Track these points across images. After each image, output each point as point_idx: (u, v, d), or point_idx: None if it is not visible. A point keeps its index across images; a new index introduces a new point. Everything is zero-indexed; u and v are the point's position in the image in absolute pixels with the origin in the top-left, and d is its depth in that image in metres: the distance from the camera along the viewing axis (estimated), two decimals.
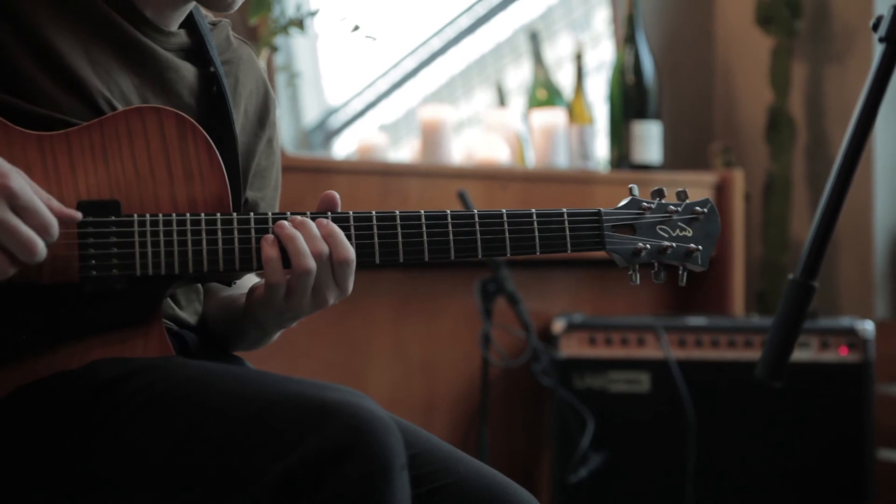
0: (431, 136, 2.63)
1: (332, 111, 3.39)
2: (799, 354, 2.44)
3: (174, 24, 1.30)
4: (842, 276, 2.90)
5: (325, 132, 3.42)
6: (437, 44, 3.37)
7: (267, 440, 1.03)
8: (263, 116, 1.39)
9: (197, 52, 1.32)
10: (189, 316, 1.33)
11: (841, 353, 2.44)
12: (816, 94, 2.99)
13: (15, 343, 1.13)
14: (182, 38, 1.31)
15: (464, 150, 2.76)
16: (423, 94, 3.39)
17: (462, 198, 2.35)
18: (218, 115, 1.28)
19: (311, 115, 3.28)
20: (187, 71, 1.30)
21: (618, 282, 2.78)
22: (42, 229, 1.07)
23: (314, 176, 2.39)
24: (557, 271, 2.77)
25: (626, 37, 2.87)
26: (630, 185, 1.30)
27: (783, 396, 2.43)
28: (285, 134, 2.74)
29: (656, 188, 1.31)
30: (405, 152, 2.95)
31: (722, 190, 2.83)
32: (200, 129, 1.19)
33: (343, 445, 1.01)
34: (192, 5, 1.31)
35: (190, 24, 1.32)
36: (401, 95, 3.41)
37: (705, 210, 1.30)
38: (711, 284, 2.83)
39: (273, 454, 1.02)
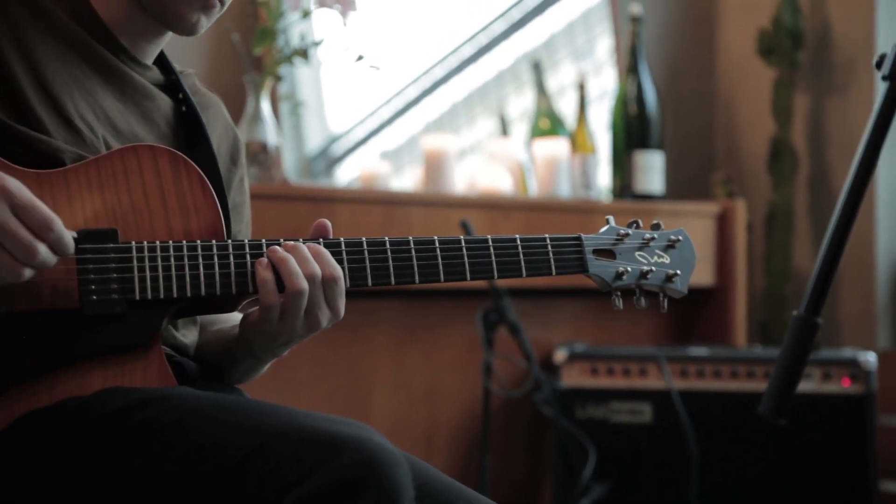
0: (434, 165, 2.64)
1: (335, 138, 3.41)
2: (801, 385, 2.43)
3: (149, 58, 1.36)
4: (844, 308, 2.90)
5: (328, 159, 3.43)
6: (439, 72, 3.39)
7: (277, 472, 1.03)
8: (235, 155, 1.44)
9: (171, 87, 1.37)
10: (189, 343, 1.34)
11: (843, 385, 2.43)
12: (818, 124, 3.00)
13: (17, 368, 1.13)
14: (157, 73, 1.36)
15: (466, 178, 2.77)
16: (426, 121, 3.40)
17: (465, 227, 2.36)
18: (197, 148, 1.33)
19: (313, 143, 3.28)
20: (163, 101, 1.35)
21: (619, 312, 2.78)
22: (42, 226, 1.08)
23: (316, 205, 2.40)
24: (559, 301, 2.77)
25: (629, 67, 2.89)
26: (607, 217, 1.36)
27: (785, 427, 2.42)
28: (288, 162, 2.75)
29: (631, 220, 1.37)
30: (407, 180, 2.96)
31: (724, 220, 2.83)
32: (193, 164, 1.23)
33: (354, 479, 1.01)
34: (166, 38, 1.36)
35: (162, 62, 1.38)
36: (403, 123, 3.42)
37: (680, 238, 1.36)
38: (713, 315, 2.83)
39: (283, 486, 1.02)
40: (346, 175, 3.38)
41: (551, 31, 3.33)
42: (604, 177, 2.94)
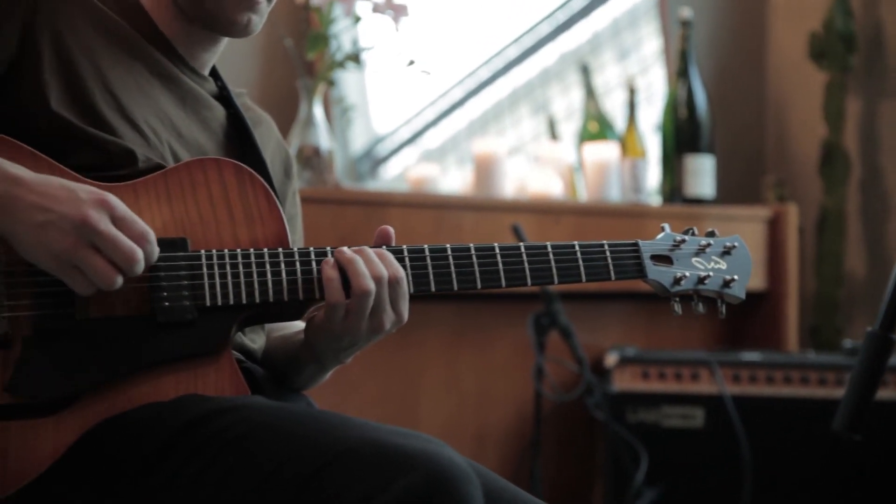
0: (484, 169, 2.64)
1: (380, 139, 3.43)
2: None
3: (206, 68, 1.40)
4: None
5: (372, 160, 3.45)
6: (484, 73, 3.40)
7: (348, 488, 1.03)
8: (288, 169, 1.48)
9: (225, 99, 1.40)
10: (257, 348, 1.36)
11: None
12: (870, 128, 2.97)
13: (93, 374, 1.15)
14: (212, 85, 1.40)
15: (515, 181, 2.77)
16: (470, 122, 3.41)
17: (516, 231, 2.36)
18: (249, 158, 1.36)
19: (358, 144, 3.31)
20: (219, 112, 1.39)
21: (670, 315, 2.75)
22: (140, 237, 1.13)
23: (369, 209, 2.41)
24: (609, 304, 2.77)
25: (679, 70, 2.88)
26: (662, 224, 1.38)
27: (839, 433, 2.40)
28: (336, 164, 2.77)
29: (687, 227, 1.39)
30: (453, 181, 2.96)
31: (775, 224, 2.82)
32: (258, 176, 1.26)
33: (425, 495, 1.02)
34: (221, 46, 1.39)
35: (215, 76, 1.42)
36: (448, 124, 3.43)
37: (735, 244, 1.37)
38: (764, 319, 2.81)
39: (355, 500, 1.03)
40: (390, 175, 3.40)
41: (596, 32, 3.33)
42: (653, 178, 2.93)
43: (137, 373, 1.17)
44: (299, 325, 1.39)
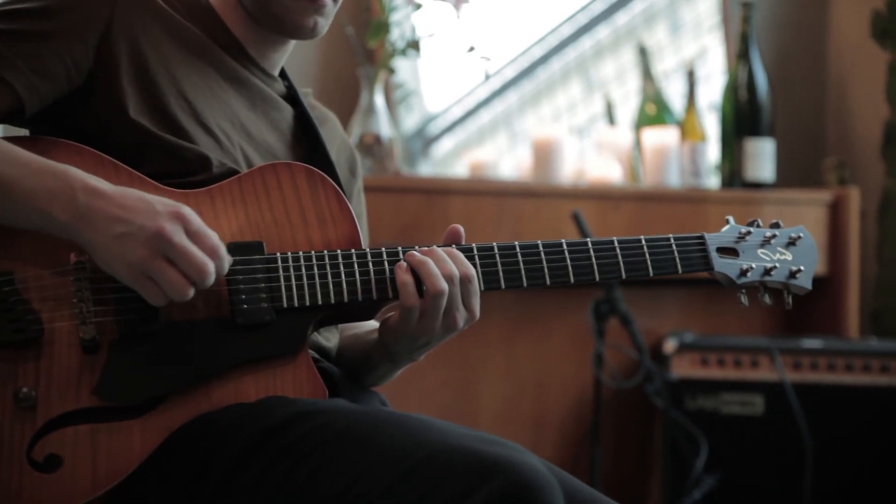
0: (543, 155, 2.64)
1: (431, 118, 3.43)
2: None
3: (276, 69, 1.42)
4: None
5: (424, 139, 3.46)
6: (537, 52, 3.38)
7: (432, 492, 1.05)
8: (353, 168, 1.51)
9: (293, 99, 1.43)
10: (332, 346, 1.39)
11: None
12: None
13: (177, 376, 1.18)
14: (281, 85, 1.42)
15: (572, 164, 2.77)
16: (522, 99, 3.40)
17: (576, 219, 2.36)
18: (316, 156, 1.39)
19: (409, 123, 3.32)
20: (287, 112, 1.41)
21: (728, 301, 2.75)
22: (212, 251, 1.16)
23: (429, 197, 2.43)
24: (667, 289, 2.76)
25: (740, 53, 2.85)
26: (727, 216, 1.40)
27: None
28: (397, 152, 2.78)
29: (751, 219, 1.40)
30: (508, 163, 2.96)
31: (836, 208, 2.79)
32: (329, 179, 1.29)
33: (508, 501, 1.03)
34: (290, 47, 1.41)
35: (283, 75, 1.45)
36: (500, 102, 3.43)
37: (801, 235, 1.39)
38: (825, 305, 2.79)
39: None
40: (441, 153, 3.41)
41: (652, 10, 3.30)
42: (710, 162, 2.91)
43: (219, 374, 1.20)
44: (371, 323, 1.41)
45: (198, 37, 1.34)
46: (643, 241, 1.34)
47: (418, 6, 2.45)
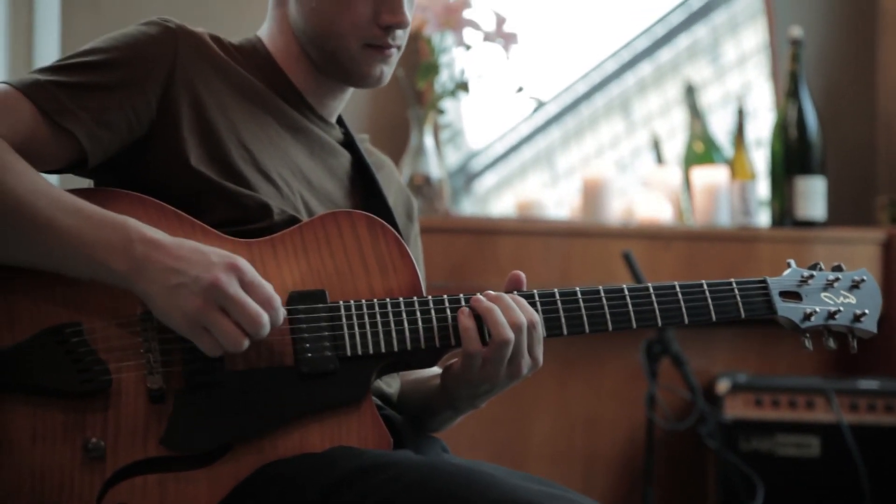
0: (592, 195, 2.64)
1: (473, 154, 3.44)
2: None
3: (333, 116, 1.43)
4: None
5: (466, 175, 3.47)
6: (581, 88, 3.39)
7: None
8: (410, 211, 1.51)
9: (350, 145, 1.43)
10: (393, 393, 1.39)
11: None
12: None
13: (242, 426, 1.19)
14: (338, 131, 1.43)
15: (622, 205, 2.76)
16: (566, 136, 3.41)
17: (627, 259, 2.35)
18: (373, 200, 1.40)
19: (451, 159, 3.33)
20: (345, 158, 1.42)
21: (781, 340, 2.73)
22: (266, 302, 1.16)
23: (479, 237, 2.43)
24: (718, 328, 2.73)
25: (789, 91, 2.83)
26: (788, 260, 1.39)
27: None
28: (446, 192, 2.79)
29: (813, 262, 1.40)
30: (550, 197, 2.95)
31: (889, 246, 2.75)
32: (389, 227, 1.29)
33: None
34: (349, 94, 1.43)
35: (340, 122, 1.46)
36: (543, 138, 3.43)
37: (864, 279, 1.38)
38: (880, 344, 2.73)
39: None
40: (483, 189, 3.42)
41: (697, 47, 3.30)
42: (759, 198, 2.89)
43: (285, 423, 1.20)
44: (433, 369, 1.41)
45: (257, 86, 1.35)
46: (705, 286, 1.33)
47: (468, 47, 2.46)
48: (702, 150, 2.93)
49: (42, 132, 1.22)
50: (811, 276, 1.37)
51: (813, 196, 2.76)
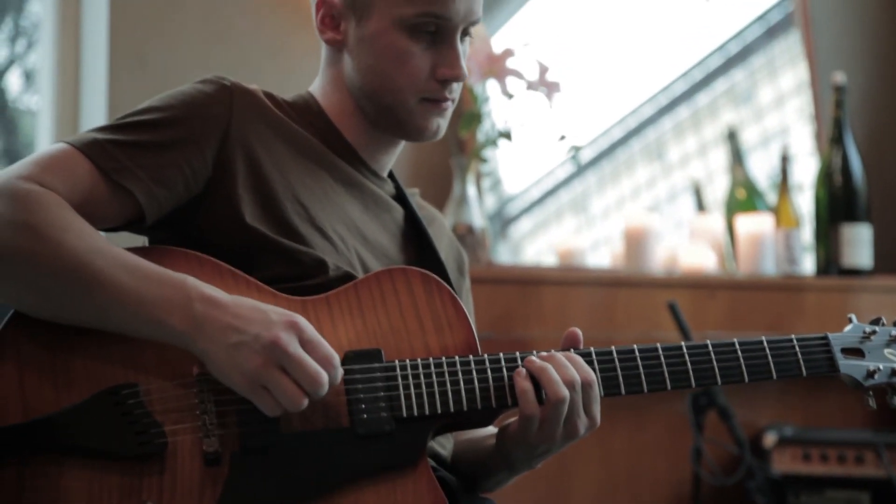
0: (635, 243, 2.62)
1: (509, 199, 3.43)
2: None
3: (385, 170, 1.43)
4: None
5: (502, 220, 3.46)
6: (617, 133, 3.38)
7: None
8: (461, 265, 1.51)
9: (401, 199, 1.43)
10: (447, 454, 1.37)
11: None
12: None
13: (297, 489, 1.16)
14: (390, 186, 1.43)
15: (664, 251, 2.73)
16: (602, 180, 3.39)
17: (673, 310, 2.32)
18: (426, 254, 1.39)
19: (487, 203, 3.32)
20: (398, 212, 1.42)
21: (828, 392, 2.68)
22: (326, 361, 1.15)
23: (524, 287, 2.41)
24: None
25: (833, 137, 2.81)
26: (849, 315, 1.37)
27: None
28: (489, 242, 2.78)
29: (875, 317, 1.37)
30: (585, 240, 2.93)
31: None
32: (444, 284, 1.28)
33: None
34: (400, 148, 1.43)
35: (392, 177, 1.46)
36: (579, 183, 3.42)
37: None
38: None
39: None
40: (519, 233, 3.40)
41: (735, 92, 3.28)
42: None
43: (340, 486, 1.18)
44: (488, 429, 1.38)
45: (310, 141, 1.35)
46: (765, 343, 1.31)
47: (510, 96, 2.46)
48: (744, 196, 2.91)
49: (100, 190, 1.22)
50: (874, 332, 1.34)
51: (859, 244, 2.72)
